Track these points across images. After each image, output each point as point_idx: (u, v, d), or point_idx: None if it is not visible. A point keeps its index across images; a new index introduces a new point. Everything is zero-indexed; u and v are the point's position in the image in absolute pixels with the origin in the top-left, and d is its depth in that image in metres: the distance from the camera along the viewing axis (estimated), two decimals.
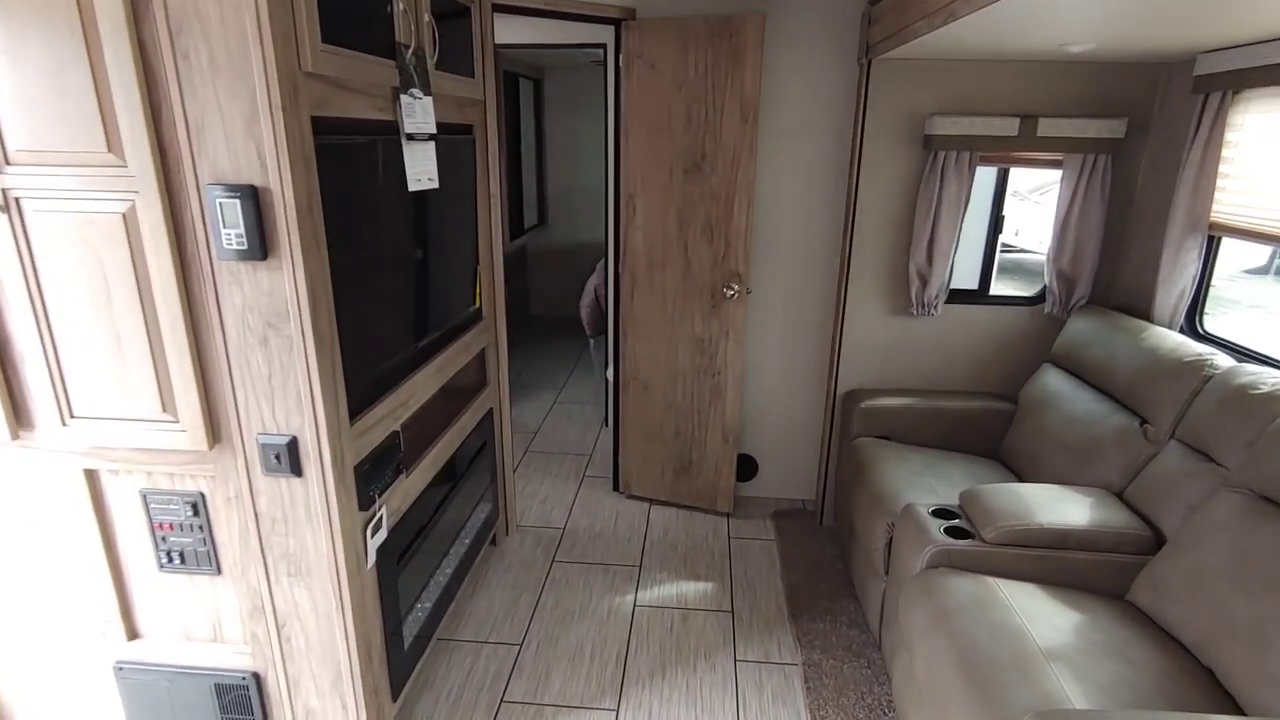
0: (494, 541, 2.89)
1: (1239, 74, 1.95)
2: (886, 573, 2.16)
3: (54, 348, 1.48)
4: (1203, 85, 2.09)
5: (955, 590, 1.76)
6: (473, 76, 2.28)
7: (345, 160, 1.55)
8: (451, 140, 2.14)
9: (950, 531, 1.93)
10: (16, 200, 1.38)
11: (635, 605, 2.53)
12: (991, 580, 1.80)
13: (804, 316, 3.03)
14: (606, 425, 3.96)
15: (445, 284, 2.20)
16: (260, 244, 1.36)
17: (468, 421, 2.40)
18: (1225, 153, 2.07)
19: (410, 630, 2.00)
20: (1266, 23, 1.64)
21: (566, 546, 2.89)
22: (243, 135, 1.31)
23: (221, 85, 1.29)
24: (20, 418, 1.55)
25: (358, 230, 1.63)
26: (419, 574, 2.09)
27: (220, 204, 1.34)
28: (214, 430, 1.52)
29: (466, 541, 2.46)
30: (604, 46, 3.27)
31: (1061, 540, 1.85)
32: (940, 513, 2.02)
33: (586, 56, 4.90)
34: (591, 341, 4.18)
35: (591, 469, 3.57)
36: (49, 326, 1.46)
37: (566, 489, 3.37)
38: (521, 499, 3.28)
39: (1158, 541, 1.85)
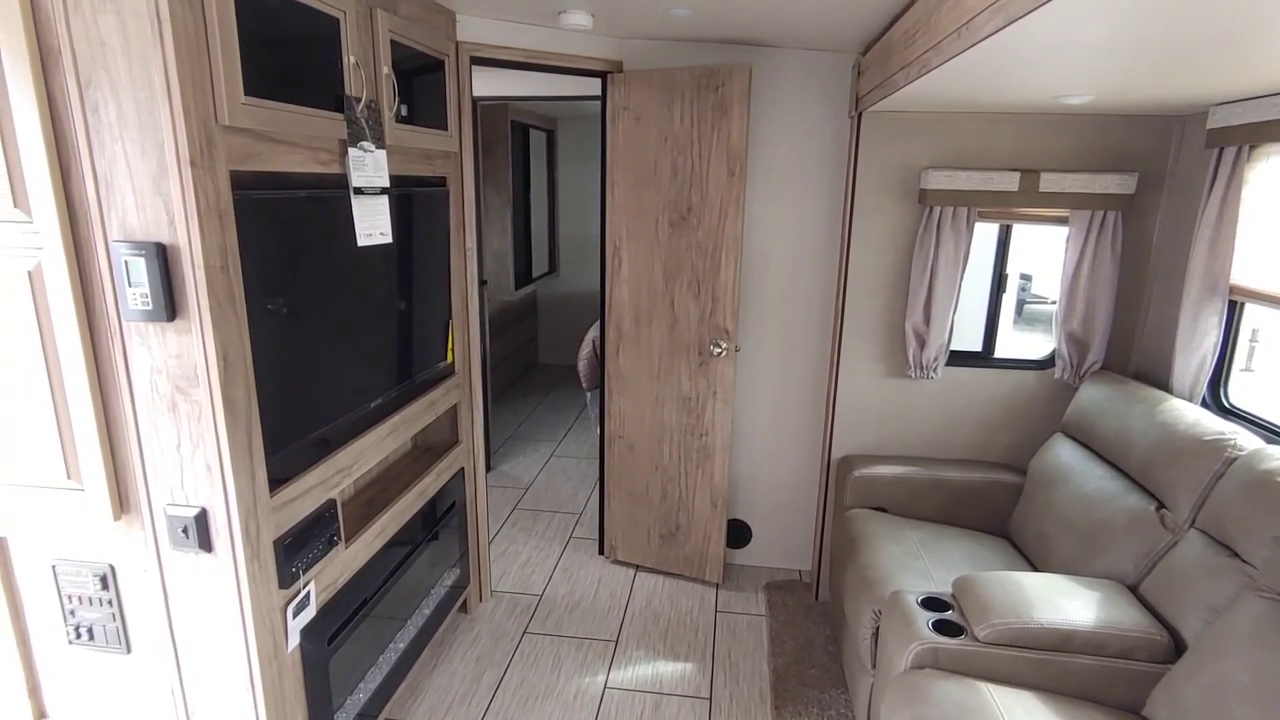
0: (465, 608, 2.73)
1: (1254, 128, 1.79)
2: (873, 666, 1.95)
3: None
4: (1216, 139, 1.93)
5: (940, 699, 1.55)
6: (445, 129, 2.23)
7: (276, 216, 1.47)
8: (418, 193, 2.08)
9: (940, 626, 1.73)
10: None
11: (605, 687, 2.34)
12: (984, 686, 1.59)
13: (796, 376, 2.87)
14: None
15: (407, 339, 2.11)
16: (168, 304, 1.28)
17: (432, 483, 2.28)
18: (1244, 211, 1.90)
19: (347, 716, 1.85)
20: (1266, 75, 1.49)
21: (541, 616, 2.72)
22: (150, 190, 1.24)
23: (130, 139, 1.23)
24: None
25: (293, 288, 1.54)
26: (363, 650, 1.94)
27: (126, 262, 1.27)
28: (122, 499, 1.42)
29: (427, 612, 2.31)
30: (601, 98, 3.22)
31: (1064, 642, 1.64)
32: (931, 603, 1.82)
33: (597, 108, 4.90)
34: (588, 395, 4.06)
35: (580, 529, 3.40)
36: None
37: (550, 551, 3.20)
38: (502, 561, 3.12)
39: (1177, 647, 1.62)
